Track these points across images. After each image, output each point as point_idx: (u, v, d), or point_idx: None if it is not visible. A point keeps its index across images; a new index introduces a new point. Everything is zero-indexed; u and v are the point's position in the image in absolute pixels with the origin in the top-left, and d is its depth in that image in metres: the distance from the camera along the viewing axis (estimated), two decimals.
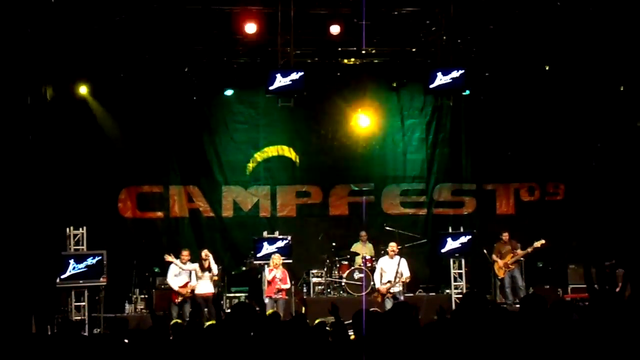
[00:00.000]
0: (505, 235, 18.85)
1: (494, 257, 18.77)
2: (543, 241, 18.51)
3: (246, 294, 18.77)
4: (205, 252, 17.13)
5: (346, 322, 7.33)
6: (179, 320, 13.50)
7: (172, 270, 17.12)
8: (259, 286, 17.96)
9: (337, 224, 20.70)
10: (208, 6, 16.92)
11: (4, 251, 13.20)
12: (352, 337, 7.01)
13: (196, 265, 16.96)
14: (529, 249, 18.51)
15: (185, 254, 17.27)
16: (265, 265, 17.57)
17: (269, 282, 16.86)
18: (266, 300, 16.77)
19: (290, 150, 20.90)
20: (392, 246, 17.13)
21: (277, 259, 17.08)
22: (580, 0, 16.90)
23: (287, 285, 17.02)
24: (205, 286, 16.98)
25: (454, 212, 21.07)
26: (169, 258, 17.06)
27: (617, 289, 17.06)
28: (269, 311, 12.51)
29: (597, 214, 19.56)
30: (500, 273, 18.65)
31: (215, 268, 17.13)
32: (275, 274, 16.82)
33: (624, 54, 17.98)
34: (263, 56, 18.24)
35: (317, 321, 10.26)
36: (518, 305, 17.30)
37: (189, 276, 17.02)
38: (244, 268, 19.22)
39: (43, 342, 7.78)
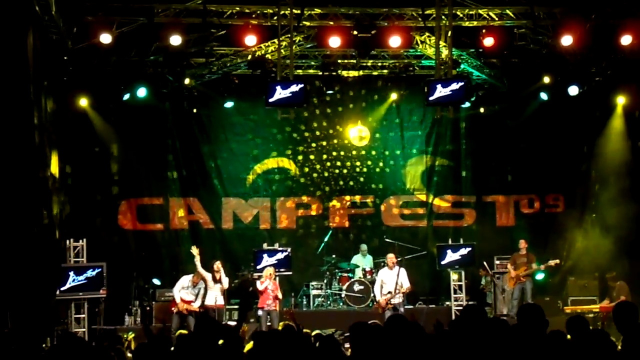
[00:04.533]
0: (522, 244, 18.59)
1: (509, 266, 18.56)
2: (557, 261, 18.37)
3: (238, 307, 18.66)
4: (217, 264, 16.98)
5: (346, 335, 7.33)
6: (184, 331, 13.44)
7: (182, 282, 16.93)
8: (251, 298, 17.93)
9: (337, 236, 20.69)
10: (208, 18, 17.03)
11: (3, 263, 13.19)
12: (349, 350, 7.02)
13: (209, 276, 16.85)
14: (542, 266, 18.28)
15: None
16: (258, 277, 17.44)
17: (261, 293, 16.75)
18: (259, 312, 16.68)
19: (290, 162, 20.93)
20: (391, 257, 17.04)
21: (271, 270, 16.97)
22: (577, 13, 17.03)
23: (279, 295, 16.94)
24: (214, 297, 16.85)
25: (453, 224, 21.09)
26: (194, 251, 16.88)
27: (618, 301, 17.02)
28: (281, 324, 12.35)
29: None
30: (510, 284, 18.46)
31: (225, 281, 16.98)
32: (268, 285, 16.71)
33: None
34: (263, 68, 18.26)
35: (313, 333, 10.28)
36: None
37: (195, 296, 16.82)
38: (236, 280, 19.14)
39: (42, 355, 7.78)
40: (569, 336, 6.79)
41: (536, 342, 5.82)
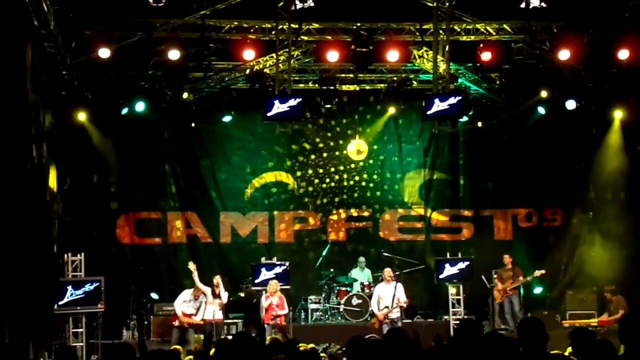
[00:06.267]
0: (507, 259, 18.70)
1: (496, 281, 18.67)
2: (543, 271, 18.42)
3: (242, 320, 18.67)
4: (217, 279, 16.96)
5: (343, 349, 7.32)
6: (179, 347, 13.40)
7: (183, 296, 16.93)
8: (256, 312, 17.89)
9: (335, 250, 20.67)
10: (206, 33, 17.10)
11: (1, 277, 13.17)
12: None
13: (209, 290, 16.84)
14: (529, 278, 18.38)
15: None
16: (263, 292, 17.49)
17: (266, 309, 16.76)
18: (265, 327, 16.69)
19: (288, 176, 20.93)
20: (388, 272, 17.07)
21: (274, 285, 17.00)
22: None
23: (285, 311, 16.92)
24: (212, 312, 16.81)
25: (451, 238, 21.07)
26: (192, 267, 16.87)
27: (617, 316, 16.98)
28: (268, 338, 12.46)
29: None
30: (497, 297, 18.55)
31: (225, 296, 16.95)
32: (272, 300, 16.73)
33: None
34: (261, 82, 18.31)
35: (309, 346, 10.30)
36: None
37: (196, 310, 16.81)
38: (241, 294, 19.14)
39: None
40: (570, 348, 6.80)
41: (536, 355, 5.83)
